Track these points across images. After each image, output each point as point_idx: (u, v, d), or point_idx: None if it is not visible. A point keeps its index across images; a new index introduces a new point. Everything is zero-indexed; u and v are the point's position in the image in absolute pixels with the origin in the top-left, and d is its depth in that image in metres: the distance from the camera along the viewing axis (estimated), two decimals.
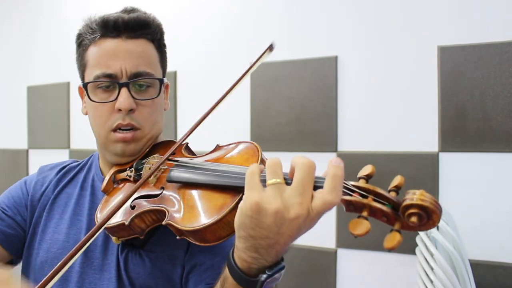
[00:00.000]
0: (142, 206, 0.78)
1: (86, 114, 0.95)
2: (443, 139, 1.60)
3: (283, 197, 0.56)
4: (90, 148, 2.24)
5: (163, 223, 0.72)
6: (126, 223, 0.77)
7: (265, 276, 0.60)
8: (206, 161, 0.79)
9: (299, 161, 0.58)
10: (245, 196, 0.59)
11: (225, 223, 0.66)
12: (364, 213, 0.56)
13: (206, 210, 0.69)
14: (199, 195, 0.72)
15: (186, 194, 0.74)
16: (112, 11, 0.93)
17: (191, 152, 0.90)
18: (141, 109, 0.88)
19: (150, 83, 0.89)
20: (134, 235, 0.80)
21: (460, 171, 1.58)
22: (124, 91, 0.86)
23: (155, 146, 0.93)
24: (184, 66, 2.09)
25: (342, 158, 0.59)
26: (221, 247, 0.72)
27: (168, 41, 0.97)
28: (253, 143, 0.77)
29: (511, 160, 1.51)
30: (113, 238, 0.82)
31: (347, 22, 1.78)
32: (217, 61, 2.03)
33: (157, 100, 0.91)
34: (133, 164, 0.88)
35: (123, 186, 0.88)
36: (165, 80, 0.95)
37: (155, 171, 0.80)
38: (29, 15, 2.62)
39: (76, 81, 0.94)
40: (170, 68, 1.00)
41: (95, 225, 0.68)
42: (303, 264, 1.81)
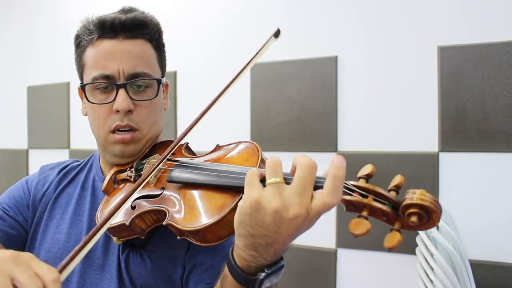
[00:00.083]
0: (142, 206, 0.78)
1: (86, 115, 0.95)
2: (443, 139, 1.60)
3: (282, 197, 0.56)
4: (90, 148, 2.24)
5: (164, 223, 0.72)
6: (126, 223, 0.77)
7: (263, 274, 0.60)
8: (206, 161, 0.79)
9: (301, 160, 0.58)
10: (245, 194, 0.59)
11: (225, 223, 0.66)
12: (364, 213, 0.56)
13: (206, 210, 0.69)
14: (200, 195, 0.72)
15: (186, 194, 0.74)
16: (111, 11, 0.92)
17: (191, 152, 0.90)
18: (140, 110, 0.88)
19: (148, 84, 0.89)
20: (135, 235, 0.80)
21: (460, 171, 1.58)
22: (121, 92, 0.86)
23: (155, 146, 0.93)
24: (184, 66, 2.09)
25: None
26: (222, 247, 0.72)
27: (168, 41, 0.97)
28: (253, 143, 0.76)
29: (511, 160, 1.51)
30: (114, 238, 0.82)
31: (347, 22, 1.78)
32: (217, 61, 2.03)
33: (156, 100, 0.90)
34: (133, 164, 0.88)
35: (123, 186, 0.88)
36: (164, 79, 0.95)
37: (155, 171, 0.79)
38: (29, 15, 2.62)
39: (76, 81, 0.94)
40: (170, 68, 1.00)
41: (96, 226, 0.68)
42: (303, 264, 1.81)
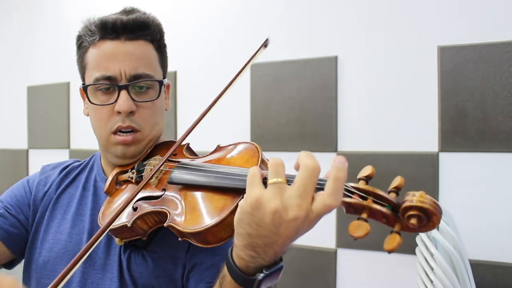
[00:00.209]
0: (144, 208, 0.78)
1: (87, 115, 0.95)
2: (443, 139, 1.60)
3: (283, 197, 0.56)
4: (90, 148, 2.24)
5: (165, 225, 0.72)
6: (128, 225, 0.77)
7: (262, 275, 0.59)
8: (207, 162, 0.79)
9: (304, 161, 0.57)
10: (246, 193, 0.59)
11: (226, 224, 0.66)
12: (363, 215, 0.56)
13: (207, 212, 0.69)
14: (200, 196, 0.72)
15: (187, 195, 0.74)
16: (112, 12, 0.92)
17: (192, 152, 0.90)
18: (141, 111, 0.88)
19: (149, 85, 0.89)
20: (136, 237, 0.80)
21: (460, 171, 1.58)
22: (123, 93, 0.86)
23: (157, 147, 0.93)
24: (184, 66, 2.09)
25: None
26: (222, 247, 0.72)
27: (168, 41, 0.97)
28: (253, 144, 0.76)
29: (511, 160, 1.51)
30: (116, 239, 0.82)
31: (347, 22, 1.78)
32: (217, 61, 2.03)
33: (157, 101, 0.91)
34: (135, 165, 0.88)
35: (125, 187, 0.88)
36: (166, 80, 0.95)
37: (155, 173, 0.80)
38: (29, 15, 2.62)
39: (76, 81, 0.94)
40: (170, 68, 1.00)
41: (99, 229, 0.68)
42: (303, 264, 1.81)
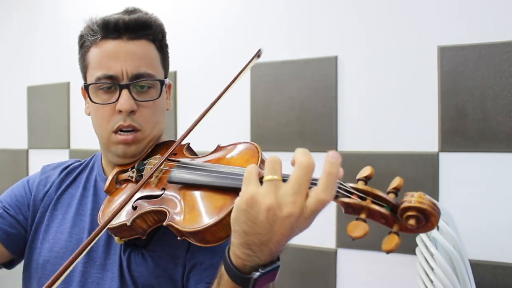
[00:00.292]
0: (143, 207, 0.78)
1: (89, 114, 0.96)
2: (443, 139, 1.60)
3: (277, 194, 0.56)
4: (90, 148, 2.24)
5: (164, 224, 0.72)
6: (128, 223, 0.77)
7: (258, 274, 0.59)
8: (206, 161, 0.79)
9: (299, 159, 0.58)
10: (242, 190, 0.59)
11: (225, 224, 0.66)
12: (362, 215, 0.56)
13: (206, 211, 0.69)
14: (200, 196, 0.72)
15: (186, 195, 0.74)
16: (112, 11, 0.93)
17: (192, 152, 0.91)
18: (142, 110, 0.88)
19: (151, 84, 0.90)
20: (136, 236, 0.80)
21: (460, 171, 1.58)
22: (125, 92, 0.86)
23: (157, 146, 0.93)
24: (184, 66, 2.09)
25: (342, 158, 0.58)
26: (221, 247, 0.72)
27: (168, 41, 0.97)
28: (253, 144, 0.77)
29: (511, 160, 1.51)
30: (116, 238, 0.83)
31: (347, 22, 1.78)
32: (217, 61, 2.03)
33: (159, 101, 0.91)
34: (135, 165, 0.89)
35: (125, 186, 0.89)
36: (167, 80, 0.95)
37: (155, 172, 0.80)
38: (29, 15, 2.62)
39: (76, 81, 0.94)
40: (170, 68, 1.00)
41: (98, 226, 0.68)
42: (303, 264, 1.81)
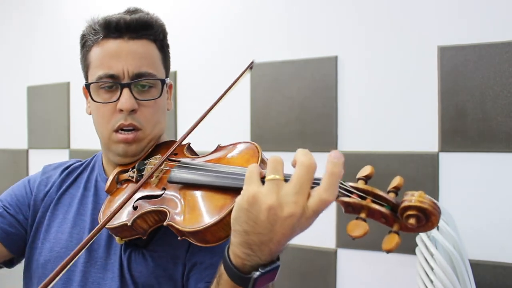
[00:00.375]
0: (144, 207, 0.78)
1: (90, 114, 0.96)
2: (443, 139, 1.60)
3: (279, 194, 0.56)
4: (90, 148, 2.24)
5: (164, 224, 0.72)
6: (128, 223, 0.77)
7: (257, 273, 0.59)
8: (207, 161, 0.79)
9: (300, 159, 0.57)
10: (243, 189, 0.59)
11: (225, 224, 0.66)
12: (362, 215, 0.56)
13: (206, 211, 0.69)
14: (200, 196, 0.72)
15: (187, 194, 0.74)
16: (112, 11, 0.93)
17: (193, 152, 0.91)
18: (143, 110, 0.89)
19: (152, 84, 0.90)
20: (137, 236, 0.80)
21: (460, 171, 1.58)
22: (126, 91, 0.86)
23: (158, 146, 0.93)
24: (184, 66, 2.09)
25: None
26: (221, 247, 0.72)
27: (168, 41, 0.97)
28: (253, 144, 0.77)
29: (511, 160, 1.51)
30: (117, 238, 0.83)
31: (347, 22, 1.78)
32: (217, 61, 2.03)
33: (159, 100, 0.91)
34: (136, 164, 0.89)
35: (126, 186, 0.89)
36: (168, 80, 0.95)
37: (155, 172, 0.80)
38: (29, 15, 2.62)
39: (76, 81, 0.94)
40: (170, 68, 1.00)
41: (98, 225, 0.68)
42: (303, 264, 1.81)
